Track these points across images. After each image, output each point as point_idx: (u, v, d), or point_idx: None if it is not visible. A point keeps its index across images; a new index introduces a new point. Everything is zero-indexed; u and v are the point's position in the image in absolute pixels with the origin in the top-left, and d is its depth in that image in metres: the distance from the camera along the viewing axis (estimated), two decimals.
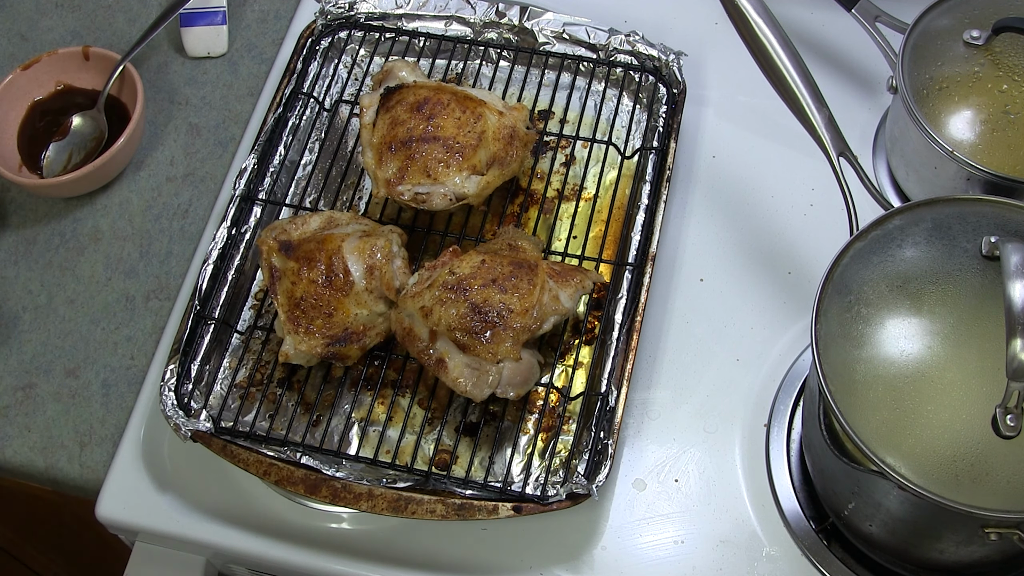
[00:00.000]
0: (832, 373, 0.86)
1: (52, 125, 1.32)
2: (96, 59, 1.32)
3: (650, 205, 1.15)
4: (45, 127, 1.32)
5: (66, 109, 1.32)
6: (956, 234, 0.90)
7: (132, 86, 1.30)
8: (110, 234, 1.27)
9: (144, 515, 1.09)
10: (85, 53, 1.32)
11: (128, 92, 1.31)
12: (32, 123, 1.31)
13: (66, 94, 1.33)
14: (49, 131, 1.31)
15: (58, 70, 1.32)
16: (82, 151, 1.30)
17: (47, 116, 1.32)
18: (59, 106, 1.33)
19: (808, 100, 1.03)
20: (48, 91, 1.33)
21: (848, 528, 1.02)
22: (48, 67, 1.32)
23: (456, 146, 1.11)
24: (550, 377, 1.09)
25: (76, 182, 1.24)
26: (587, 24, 1.27)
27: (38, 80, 1.32)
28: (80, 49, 1.32)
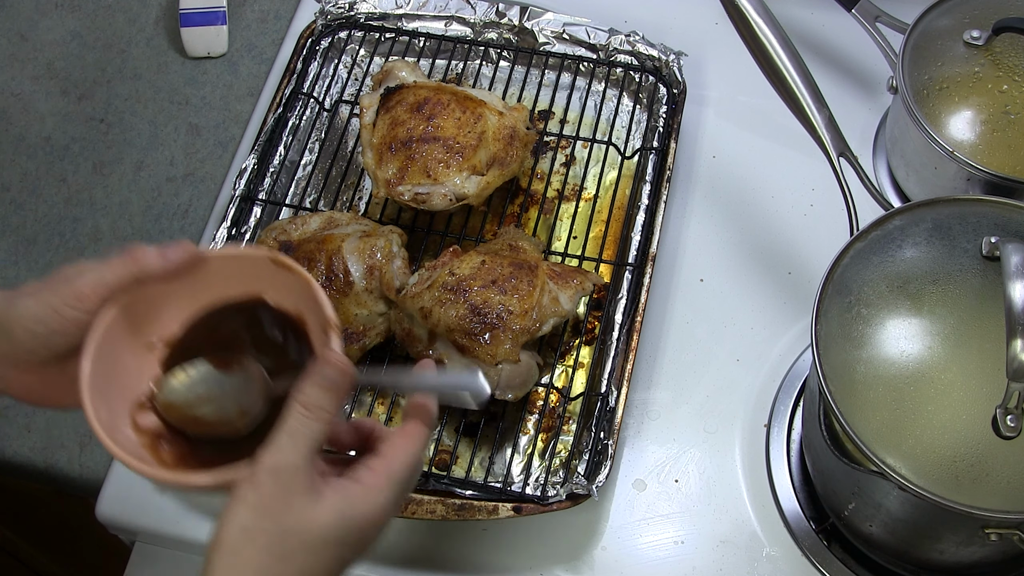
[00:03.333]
0: (832, 373, 0.86)
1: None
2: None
3: (650, 205, 1.15)
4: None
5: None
6: (956, 234, 0.90)
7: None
8: (110, 234, 1.27)
9: (144, 515, 1.09)
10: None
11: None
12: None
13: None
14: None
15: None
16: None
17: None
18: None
19: (808, 100, 1.03)
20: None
21: (848, 528, 1.02)
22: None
23: (456, 146, 1.11)
24: (550, 377, 1.09)
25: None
26: (587, 24, 1.27)
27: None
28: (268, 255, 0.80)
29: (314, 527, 0.66)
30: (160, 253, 0.76)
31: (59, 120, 1.36)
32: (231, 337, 0.80)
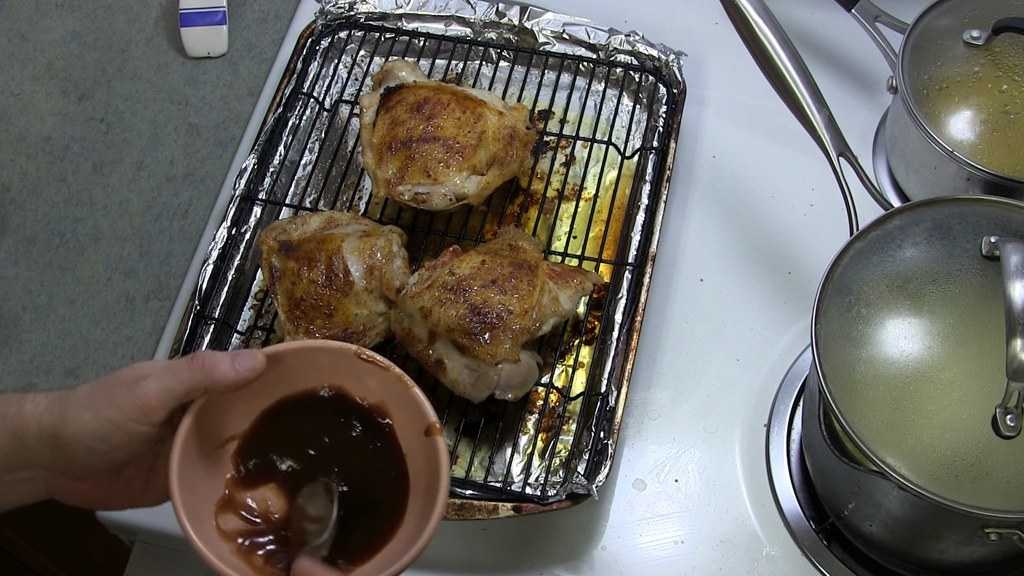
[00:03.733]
0: (832, 373, 0.86)
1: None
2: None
3: (650, 205, 1.15)
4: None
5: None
6: (956, 234, 0.90)
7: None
8: (110, 234, 1.27)
9: (144, 515, 1.08)
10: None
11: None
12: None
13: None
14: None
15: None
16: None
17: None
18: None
19: (808, 100, 1.03)
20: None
21: (848, 528, 1.02)
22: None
23: (456, 146, 1.11)
24: (550, 377, 1.09)
25: None
26: (587, 24, 1.27)
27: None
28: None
29: None
30: (231, 364, 0.72)
31: (59, 120, 1.36)
32: (304, 431, 0.78)
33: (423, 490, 0.77)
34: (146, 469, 0.77)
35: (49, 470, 0.74)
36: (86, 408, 0.71)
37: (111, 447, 0.71)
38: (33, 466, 0.74)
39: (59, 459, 0.72)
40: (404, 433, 0.78)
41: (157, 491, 0.77)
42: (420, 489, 0.77)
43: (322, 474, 0.76)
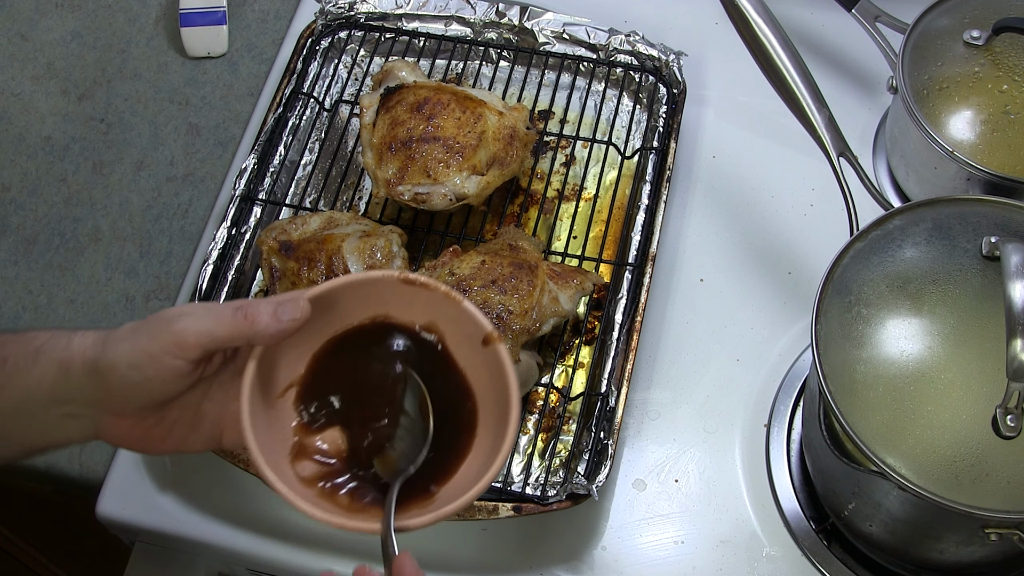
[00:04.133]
0: (832, 373, 0.86)
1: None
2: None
3: (650, 205, 1.15)
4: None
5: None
6: (956, 234, 0.90)
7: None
8: (110, 234, 1.27)
9: (144, 515, 1.09)
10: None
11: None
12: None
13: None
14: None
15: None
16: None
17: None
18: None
19: (808, 100, 1.03)
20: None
21: (848, 528, 1.02)
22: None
23: (456, 146, 1.11)
24: (550, 377, 1.09)
25: None
26: (587, 24, 1.27)
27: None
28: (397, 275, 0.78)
29: None
30: (274, 316, 0.71)
31: (59, 120, 1.36)
32: (359, 366, 0.77)
33: (491, 400, 0.77)
34: (191, 413, 0.77)
35: (93, 406, 0.75)
36: (125, 339, 0.72)
37: (145, 378, 0.71)
38: (78, 400, 0.75)
39: (100, 392, 0.73)
40: (459, 350, 0.78)
41: (202, 438, 0.77)
42: (488, 400, 0.77)
43: (387, 404, 0.76)
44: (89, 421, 0.76)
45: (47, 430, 0.76)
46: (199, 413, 0.77)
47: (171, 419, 0.76)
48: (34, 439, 0.78)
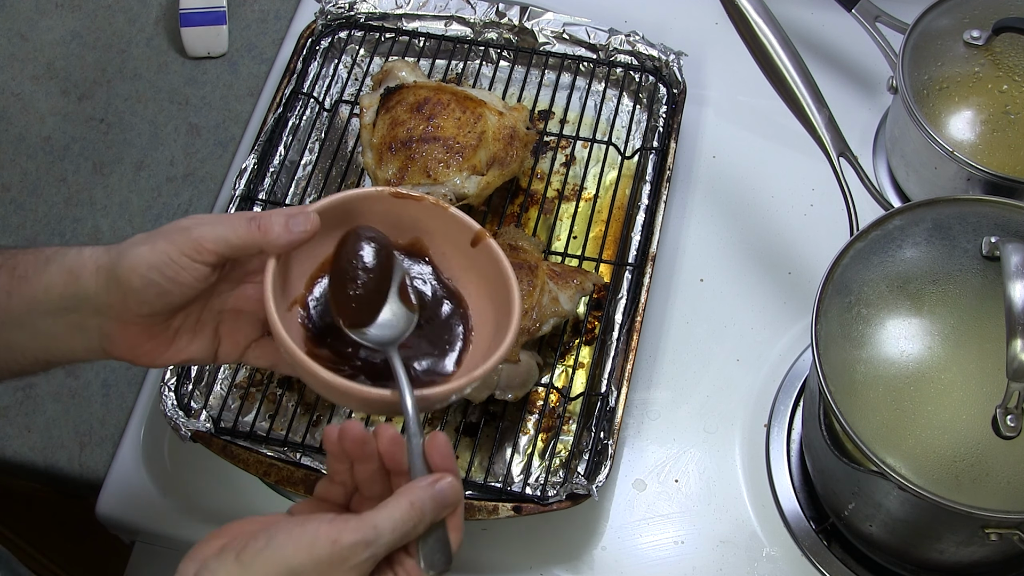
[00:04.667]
0: (832, 373, 0.86)
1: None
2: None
3: (650, 205, 1.15)
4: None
5: None
6: (956, 234, 0.90)
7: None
8: (110, 234, 1.27)
9: (144, 515, 1.09)
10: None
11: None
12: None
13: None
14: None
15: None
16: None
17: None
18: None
19: (808, 100, 1.03)
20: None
21: (848, 528, 1.02)
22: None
23: (456, 146, 1.11)
24: (550, 377, 1.09)
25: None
26: (587, 24, 1.27)
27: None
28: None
29: None
30: (285, 226, 0.75)
31: (59, 120, 1.36)
32: (353, 272, 0.80)
33: (487, 297, 0.82)
34: (193, 321, 0.80)
35: (103, 313, 0.76)
36: (143, 243, 0.74)
37: (165, 278, 0.74)
38: (87, 308, 0.76)
39: (114, 296, 0.75)
40: (447, 260, 0.84)
41: (200, 349, 0.81)
42: (484, 298, 0.83)
43: (380, 297, 0.79)
44: (95, 334, 0.78)
45: (53, 341, 0.78)
46: (200, 322, 0.80)
47: (175, 327, 0.79)
48: (39, 350, 0.79)
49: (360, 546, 0.67)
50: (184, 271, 0.74)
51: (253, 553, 0.67)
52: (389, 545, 0.68)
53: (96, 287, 0.75)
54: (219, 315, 0.81)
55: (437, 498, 0.70)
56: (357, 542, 0.67)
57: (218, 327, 0.81)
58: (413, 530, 0.69)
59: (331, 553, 0.66)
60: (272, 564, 0.66)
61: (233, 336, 0.82)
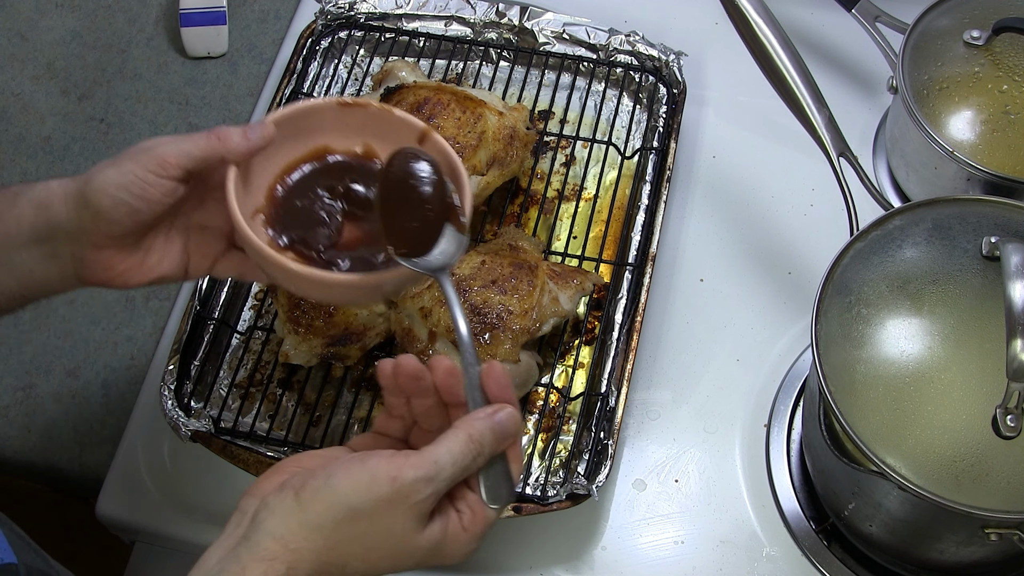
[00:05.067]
0: (832, 373, 0.86)
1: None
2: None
3: (650, 205, 1.15)
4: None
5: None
6: (956, 234, 0.90)
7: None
8: None
9: (144, 515, 1.09)
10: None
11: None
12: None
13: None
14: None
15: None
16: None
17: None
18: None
19: (808, 100, 1.03)
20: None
21: (848, 528, 1.02)
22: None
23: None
24: (550, 377, 1.09)
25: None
26: (587, 24, 1.27)
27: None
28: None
29: (408, 546, 0.68)
30: (243, 134, 0.79)
31: (59, 120, 1.36)
32: (311, 189, 0.84)
33: None
34: (162, 239, 0.83)
35: (75, 239, 0.79)
36: (109, 167, 0.77)
37: (133, 196, 0.76)
38: (59, 237, 0.79)
39: (85, 219, 0.77)
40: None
41: (172, 266, 0.84)
42: None
43: (339, 211, 0.83)
44: (69, 261, 0.80)
45: (29, 275, 0.81)
46: (169, 240, 0.83)
47: (145, 247, 0.82)
48: (16, 286, 0.82)
49: (421, 482, 0.67)
50: (151, 187, 0.77)
51: (312, 492, 0.67)
52: (450, 479, 0.68)
53: (67, 214, 0.78)
54: (187, 232, 0.84)
55: (496, 429, 0.69)
56: (418, 479, 0.66)
57: (187, 244, 0.84)
58: (473, 463, 0.68)
59: (391, 491, 0.66)
60: (331, 503, 0.66)
61: (201, 250, 0.85)
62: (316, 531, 0.66)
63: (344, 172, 0.85)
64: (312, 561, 0.66)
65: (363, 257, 0.81)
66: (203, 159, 0.78)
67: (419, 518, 0.68)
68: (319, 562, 0.67)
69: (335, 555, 0.67)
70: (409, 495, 0.67)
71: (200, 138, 0.78)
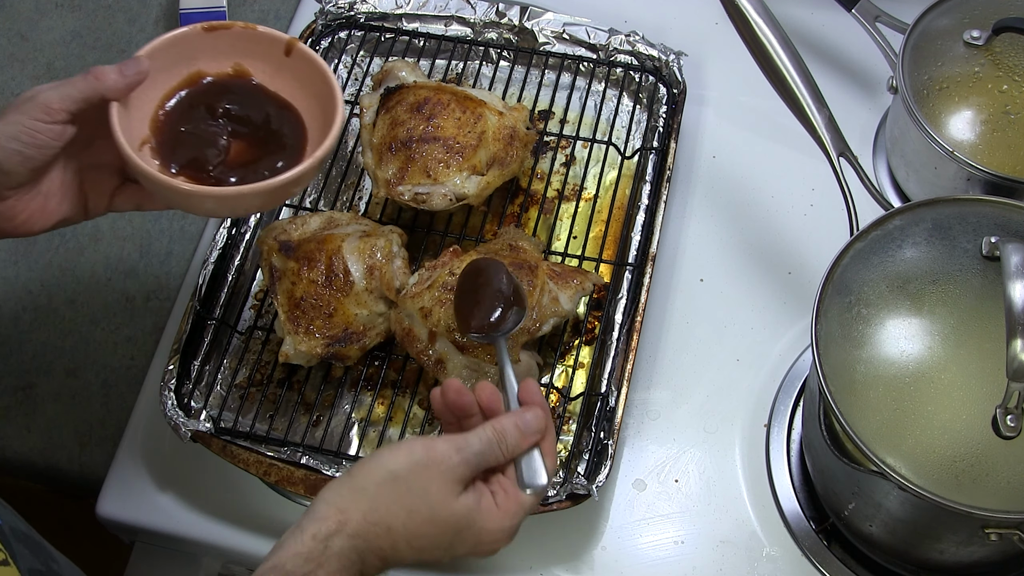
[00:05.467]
0: (832, 373, 0.86)
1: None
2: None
3: (650, 205, 1.15)
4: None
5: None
6: (956, 234, 0.90)
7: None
8: (110, 234, 1.27)
9: (144, 515, 1.09)
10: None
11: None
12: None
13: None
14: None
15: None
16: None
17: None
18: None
19: (808, 100, 1.03)
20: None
21: (848, 528, 1.02)
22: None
23: (456, 146, 1.11)
24: (550, 377, 1.09)
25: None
26: (587, 24, 1.27)
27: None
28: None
29: (444, 511, 0.76)
30: (119, 71, 0.85)
31: None
32: (195, 115, 0.91)
33: (313, 95, 0.92)
34: (58, 183, 0.88)
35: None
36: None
37: (24, 144, 0.82)
38: None
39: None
40: (270, 77, 0.94)
41: (71, 207, 0.89)
42: (312, 105, 0.92)
43: (224, 131, 0.91)
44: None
45: None
46: (64, 183, 0.88)
47: (43, 193, 0.87)
48: None
49: (451, 450, 0.77)
50: (40, 133, 0.82)
51: (359, 464, 0.78)
52: (478, 454, 0.78)
53: None
54: (81, 173, 0.89)
55: (519, 424, 0.80)
56: (448, 447, 0.77)
57: (83, 184, 0.90)
58: (496, 448, 0.78)
59: (425, 456, 0.76)
60: (373, 468, 0.77)
61: (97, 188, 0.91)
62: (361, 493, 0.76)
63: (220, 93, 0.92)
64: (359, 521, 0.75)
65: (250, 170, 0.89)
66: (84, 99, 0.83)
67: (453, 483, 0.77)
68: (366, 522, 0.75)
69: (379, 515, 0.75)
70: (441, 460, 0.76)
71: (79, 80, 0.83)
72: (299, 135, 0.93)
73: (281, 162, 0.90)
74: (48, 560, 0.90)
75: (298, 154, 0.91)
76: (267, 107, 0.93)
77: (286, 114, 0.94)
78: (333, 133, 0.88)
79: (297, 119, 0.93)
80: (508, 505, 0.79)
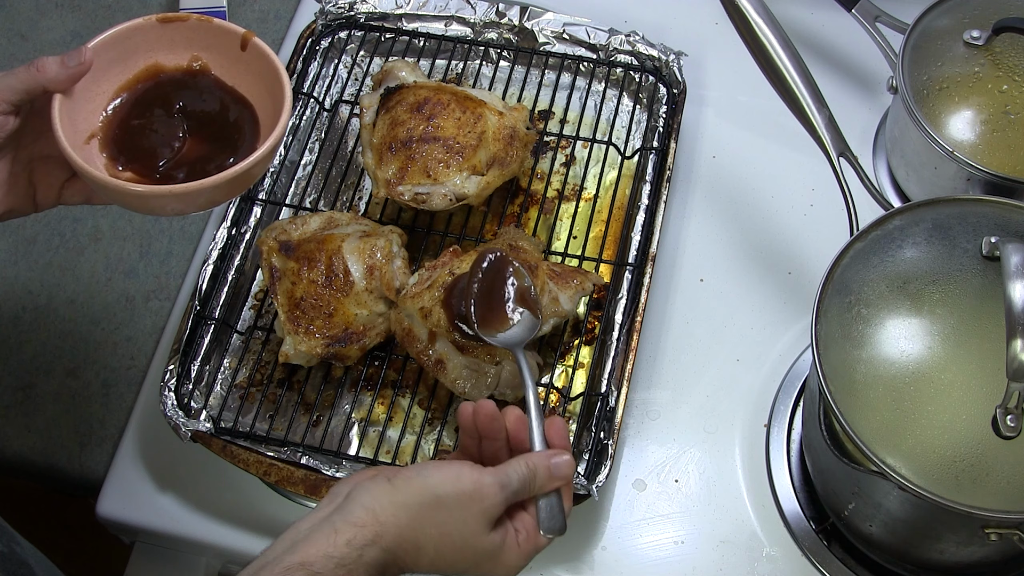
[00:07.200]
0: (832, 373, 0.86)
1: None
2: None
3: (650, 205, 1.15)
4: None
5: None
6: (956, 234, 0.90)
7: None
8: (110, 234, 1.27)
9: (144, 515, 1.09)
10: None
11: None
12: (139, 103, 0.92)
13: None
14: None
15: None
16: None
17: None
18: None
19: (808, 100, 1.03)
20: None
21: (848, 528, 1.02)
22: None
23: (456, 146, 1.11)
24: (550, 377, 1.09)
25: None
26: (587, 24, 1.27)
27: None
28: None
29: (475, 542, 0.77)
30: (62, 63, 0.83)
31: None
32: (145, 109, 0.90)
33: (267, 90, 0.90)
34: (5, 174, 0.87)
35: None
36: None
37: None
38: None
39: None
40: (225, 70, 0.91)
41: (20, 198, 0.89)
42: (265, 96, 0.90)
43: (176, 130, 0.89)
44: None
45: None
46: (12, 174, 0.87)
47: (1, 179, 0.86)
48: None
49: (496, 487, 0.78)
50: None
51: (404, 479, 0.77)
52: (515, 492, 0.79)
53: None
54: (30, 164, 0.88)
55: (552, 468, 0.81)
56: (495, 482, 0.78)
57: (31, 175, 0.89)
58: (526, 487, 0.80)
59: (473, 489, 0.77)
60: (421, 488, 0.77)
61: (46, 180, 0.89)
62: (403, 509, 0.75)
63: (175, 86, 0.91)
64: (395, 536, 0.75)
65: (198, 168, 0.87)
66: (26, 91, 0.82)
67: (489, 521, 0.78)
68: (400, 537, 0.75)
69: (414, 534, 0.76)
70: (486, 496, 0.77)
71: (21, 71, 0.82)
72: (253, 129, 0.91)
73: (232, 158, 0.89)
74: (11, 543, 0.89)
75: (250, 149, 0.89)
76: (222, 101, 0.92)
77: (241, 108, 0.92)
78: (281, 123, 0.86)
79: (252, 113, 0.92)
80: (526, 547, 0.80)
